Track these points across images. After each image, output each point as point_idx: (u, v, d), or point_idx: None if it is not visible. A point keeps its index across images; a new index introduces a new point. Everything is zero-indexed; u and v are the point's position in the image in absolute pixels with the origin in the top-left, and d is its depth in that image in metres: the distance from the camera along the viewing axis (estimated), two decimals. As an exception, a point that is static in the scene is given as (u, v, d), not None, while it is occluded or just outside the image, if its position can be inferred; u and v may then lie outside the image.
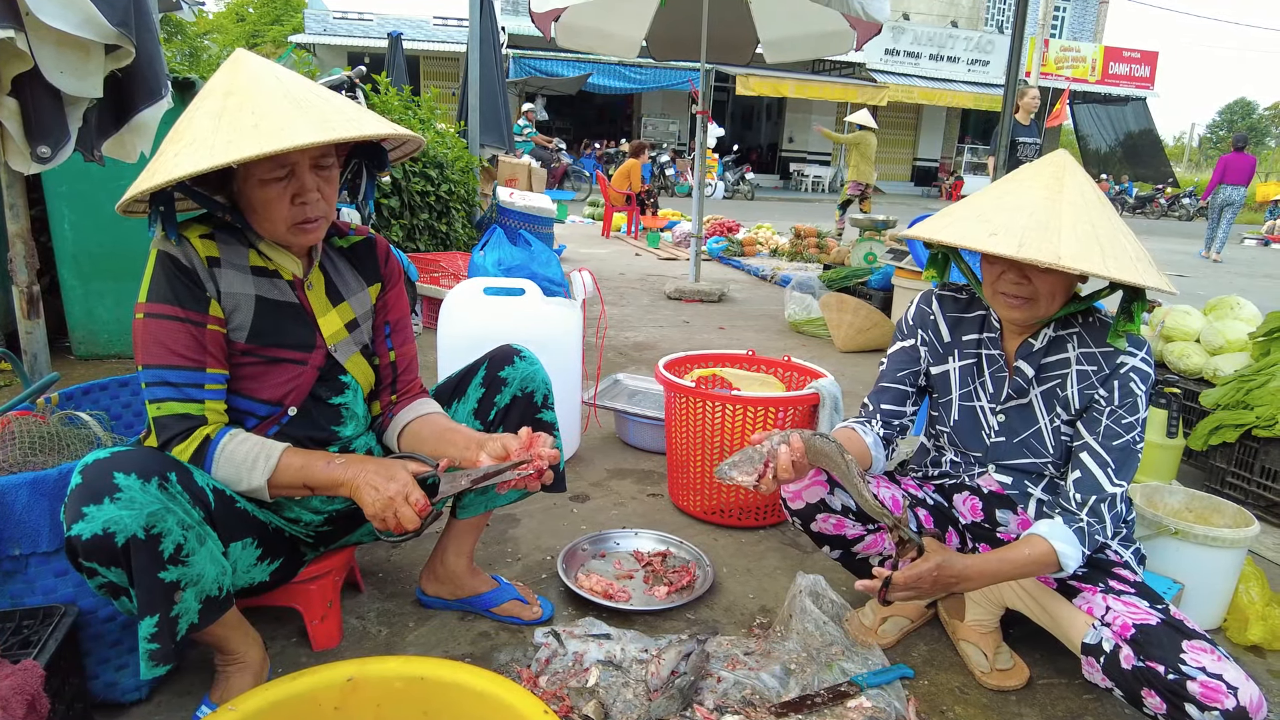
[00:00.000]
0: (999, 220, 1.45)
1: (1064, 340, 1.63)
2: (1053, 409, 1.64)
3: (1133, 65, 24.48)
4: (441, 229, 5.59)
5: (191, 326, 1.36)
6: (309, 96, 1.33)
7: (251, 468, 1.35)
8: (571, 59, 19.82)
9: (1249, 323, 3.05)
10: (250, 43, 26.51)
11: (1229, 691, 1.28)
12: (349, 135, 1.29)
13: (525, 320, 2.62)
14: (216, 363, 1.39)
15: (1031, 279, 1.51)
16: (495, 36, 8.38)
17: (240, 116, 1.25)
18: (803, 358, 4.58)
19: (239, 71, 1.33)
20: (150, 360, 1.34)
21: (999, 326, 1.70)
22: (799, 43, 6.19)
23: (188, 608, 1.24)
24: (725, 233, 10.01)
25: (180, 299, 1.35)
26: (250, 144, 1.21)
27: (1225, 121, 51.01)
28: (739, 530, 2.41)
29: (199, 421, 1.36)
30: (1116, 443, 1.55)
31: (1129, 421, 1.55)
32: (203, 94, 1.34)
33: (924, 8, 24.87)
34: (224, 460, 1.35)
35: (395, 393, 1.67)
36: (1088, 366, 1.59)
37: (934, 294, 1.81)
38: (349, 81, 4.16)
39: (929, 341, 1.79)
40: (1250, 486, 2.72)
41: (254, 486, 1.36)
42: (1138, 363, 1.55)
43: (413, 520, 1.33)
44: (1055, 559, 1.49)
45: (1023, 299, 1.54)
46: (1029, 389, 1.67)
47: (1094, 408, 1.58)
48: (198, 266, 1.37)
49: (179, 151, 1.25)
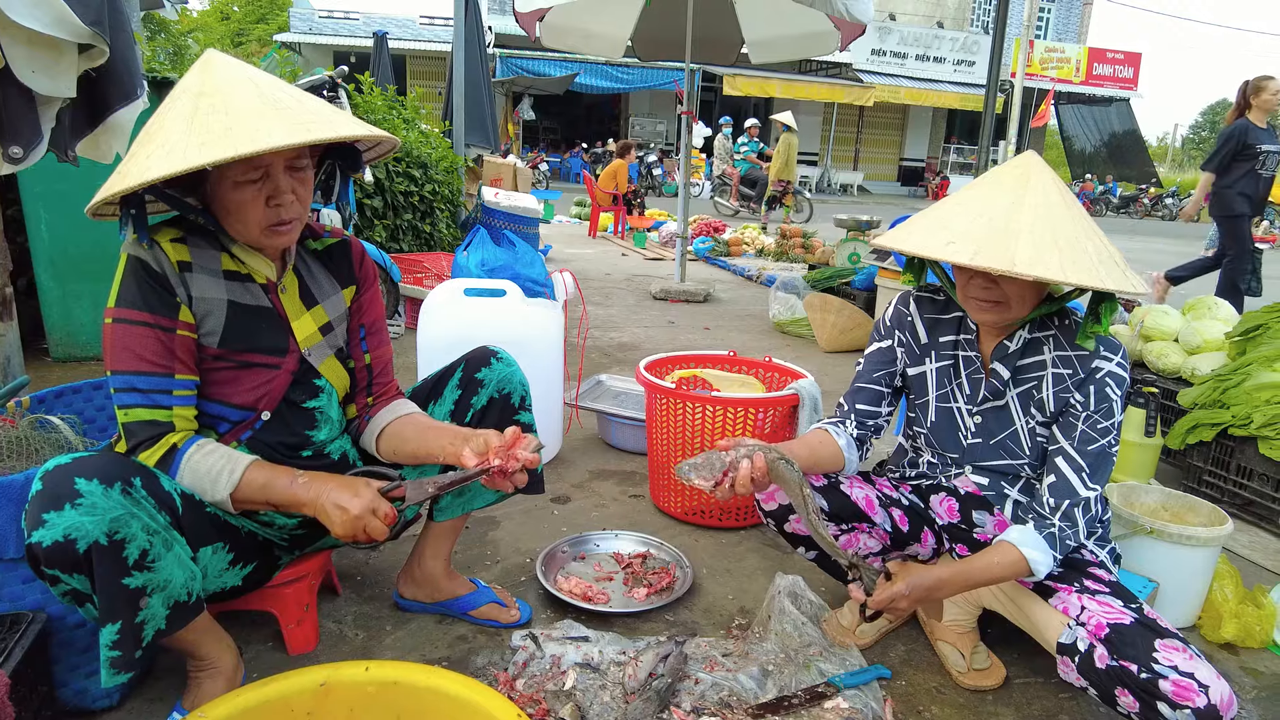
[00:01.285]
0: (958, 227, 1.46)
1: (1040, 342, 1.64)
2: (1029, 411, 1.65)
3: (1116, 66, 24.67)
4: (425, 229, 5.56)
5: (160, 332, 1.34)
6: (282, 97, 1.31)
7: (215, 481, 1.34)
8: (559, 58, 19.79)
9: (1225, 323, 3.08)
10: (235, 41, 26.35)
11: (1200, 690, 1.29)
12: (323, 137, 1.28)
13: (506, 321, 2.61)
14: (186, 369, 1.37)
15: (999, 283, 1.52)
16: (480, 36, 8.36)
17: (212, 118, 1.24)
18: (787, 358, 4.60)
19: (210, 72, 1.32)
20: (118, 366, 1.33)
21: (975, 328, 1.70)
22: (784, 43, 6.20)
23: (155, 614, 1.23)
24: (711, 233, 10.02)
25: (149, 304, 1.34)
26: (223, 146, 1.20)
27: (1207, 122, 51.46)
28: (719, 531, 2.41)
29: (166, 429, 1.35)
30: (1091, 448, 1.56)
31: (1104, 426, 1.56)
32: (173, 95, 1.32)
33: (910, 8, 24.98)
34: (189, 471, 1.34)
35: (371, 395, 1.66)
36: (1063, 369, 1.60)
37: (911, 296, 1.82)
38: (330, 82, 4.13)
39: (906, 343, 1.80)
40: (1226, 485, 2.75)
41: (217, 500, 1.35)
42: (1113, 367, 1.56)
43: (382, 532, 1.33)
44: (1026, 566, 1.51)
45: (992, 303, 1.55)
46: (1005, 390, 1.67)
47: (1069, 412, 1.59)
48: (168, 271, 1.36)
49: (150, 154, 1.23)
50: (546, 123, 24.74)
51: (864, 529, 1.76)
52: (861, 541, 1.77)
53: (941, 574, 1.52)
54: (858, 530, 1.76)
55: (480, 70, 8.05)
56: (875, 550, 1.80)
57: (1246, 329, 2.82)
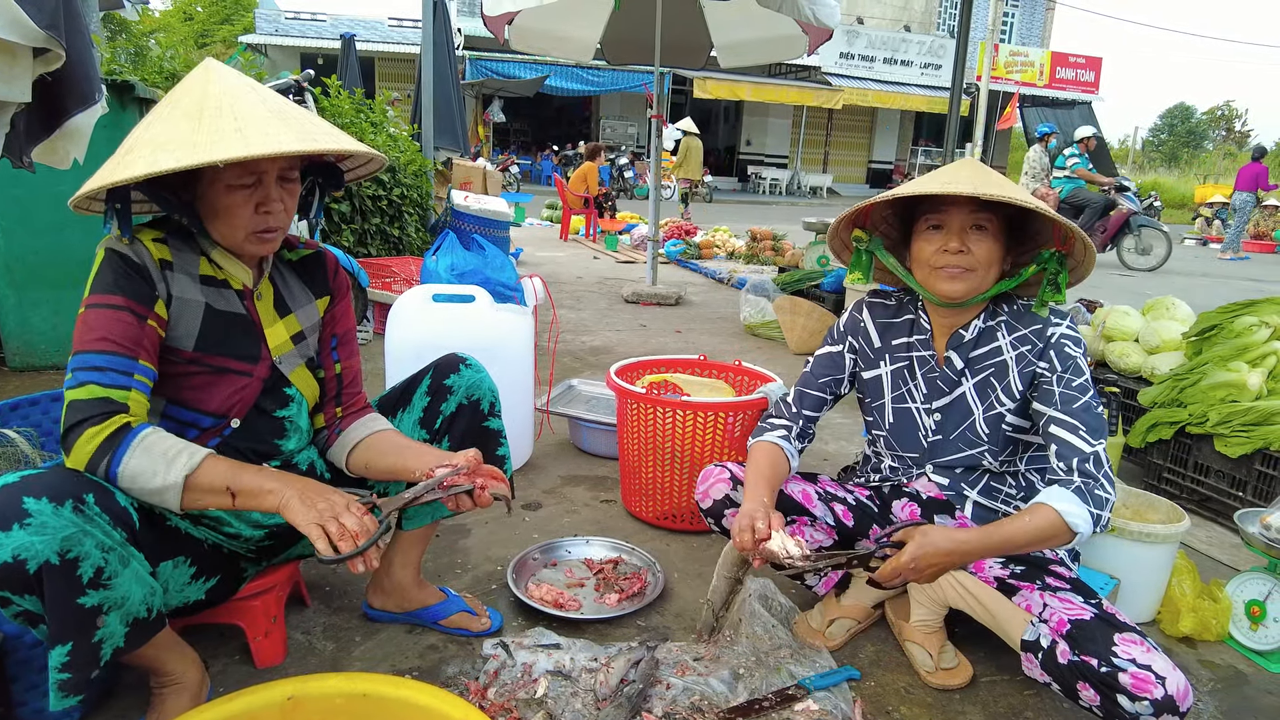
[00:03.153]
0: (945, 177, 1.60)
1: (994, 330, 1.70)
2: (988, 398, 1.69)
3: (1078, 70, 25.15)
4: (394, 233, 5.52)
5: (133, 317, 1.31)
6: (287, 108, 1.36)
7: (172, 461, 1.25)
8: (529, 61, 19.75)
9: (1183, 322, 3.15)
10: (199, 43, 25.91)
11: (1157, 681, 1.33)
12: (331, 148, 1.32)
13: (475, 327, 2.60)
14: (149, 359, 1.33)
15: (973, 247, 1.59)
16: (449, 39, 8.31)
17: (221, 120, 1.27)
18: (757, 360, 4.64)
19: (213, 79, 1.35)
20: (82, 347, 1.28)
21: (929, 328, 1.75)
22: (752, 47, 6.24)
23: (112, 632, 1.20)
24: (683, 236, 10.05)
25: (124, 290, 1.32)
26: (238, 146, 1.23)
27: (1166, 125, 52.63)
28: (691, 535, 2.42)
29: (120, 408, 1.27)
30: (1076, 405, 1.58)
31: (1080, 383, 1.60)
32: (172, 99, 1.34)
33: (878, 12, 25.26)
34: (141, 450, 1.24)
35: (340, 406, 1.65)
36: (1022, 348, 1.67)
37: (865, 301, 1.87)
38: (295, 85, 4.09)
39: (859, 348, 1.85)
40: (1185, 482, 2.81)
41: (169, 483, 1.24)
42: (1065, 329, 1.64)
43: (359, 525, 1.25)
44: (1063, 522, 1.43)
45: (962, 269, 1.61)
46: (960, 380, 1.72)
47: (1041, 381, 1.64)
48: (149, 265, 1.36)
49: (156, 148, 1.25)
50: (517, 125, 24.68)
51: (805, 522, 1.81)
52: (808, 534, 1.82)
53: (959, 536, 1.45)
54: (800, 522, 1.81)
55: (449, 73, 8.00)
56: (825, 545, 1.84)
57: (1202, 329, 2.88)
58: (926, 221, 1.65)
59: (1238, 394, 2.64)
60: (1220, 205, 18.27)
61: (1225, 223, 18.22)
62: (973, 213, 1.59)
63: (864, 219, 1.80)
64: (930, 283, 1.66)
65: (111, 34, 9.11)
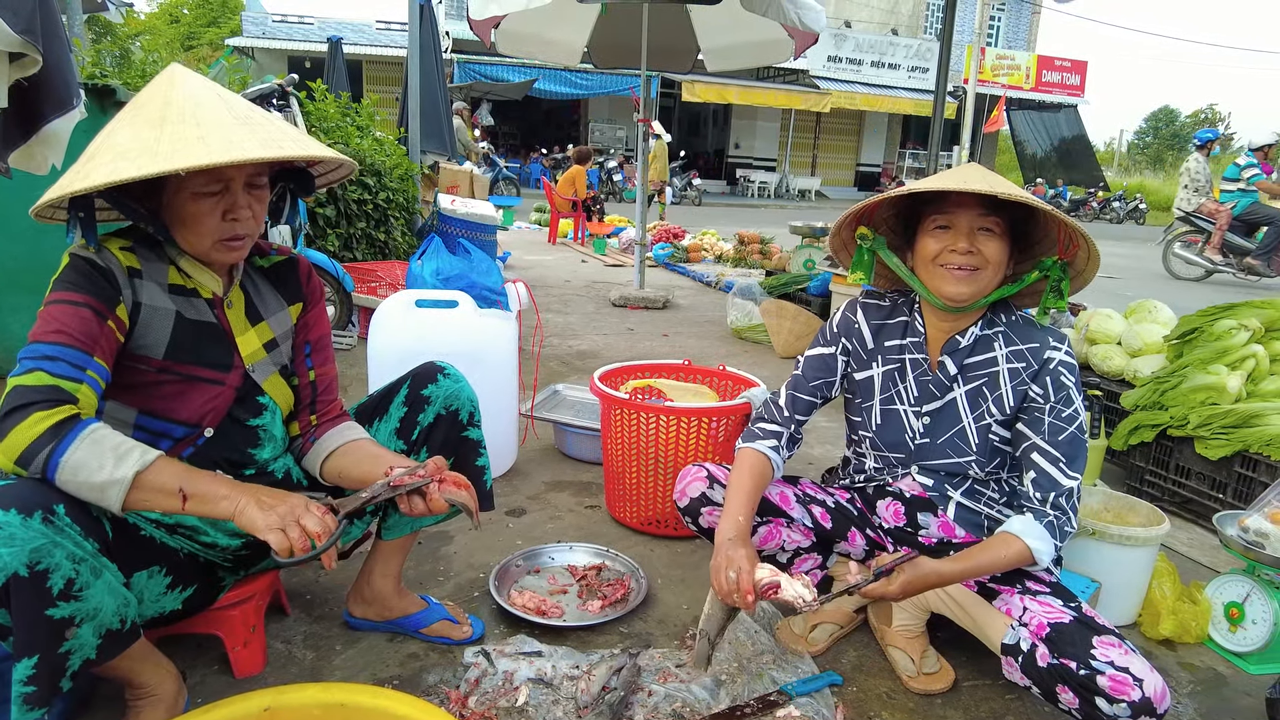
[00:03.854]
0: (958, 177, 1.57)
1: (990, 339, 1.68)
2: (979, 408, 1.68)
3: (1064, 73, 25.34)
4: (380, 237, 5.50)
5: (93, 314, 1.29)
6: (253, 115, 1.35)
7: (123, 457, 1.19)
8: (517, 64, 19.73)
9: (1165, 326, 3.17)
10: (185, 45, 25.79)
11: (1135, 684, 1.34)
12: (295, 154, 1.31)
13: (459, 332, 2.59)
14: (105, 358, 1.29)
15: (980, 248, 1.57)
16: (437, 42, 8.29)
17: (184, 128, 1.25)
18: (744, 364, 4.65)
19: (177, 85, 1.33)
20: (36, 337, 1.25)
21: (923, 331, 1.74)
22: (739, 51, 6.26)
23: (84, 643, 1.19)
24: (671, 239, 10.06)
25: (85, 289, 1.30)
26: (199, 153, 1.22)
27: (1151, 128, 53.08)
28: (675, 540, 2.42)
29: (69, 398, 1.21)
30: (1062, 437, 1.59)
31: (1069, 414, 1.60)
32: (135, 105, 1.33)
33: (865, 15, 25.37)
34: (90, 442, 1.18)
35: (314, 414, 1.64)
36: (1017, 364, 1.65)
37: (858, 302, 1.85)
38: (279, 90, 4.07)
39: (852, 349, 1.83)
40: (1166, 484, 2.83)
41: (116, 478, 1.18)
42: (1063, 356, 1.62)
43: (320, 525, 1.23)
44: (1030, 556, 1.53)
45: (970, 269, 1.58)
46: (951, 386, 1.71)
47: (1031, 406, 1.63)
48: (115, 270, 1.34)
49: (117, 156, 1.23)
50: (506, 128, 24.64)
51: (782, 523, 1.81)
52: (784, 535, 1.82)
53: (941, 567, 1.53)
54: (776, 523, 1.81)
55: (436, 76, 7.98)
56: (804, 545, 1.85)
57: (1183, 332, 2.90)
58: (934, 221, 1.62)
59: (1217, 396, 2.66)
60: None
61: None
62: (981, 215, 1.57)
63: (868, 217, 1.78)
64: (935, 284, 1.63)
65: (96, 36, 9.05)
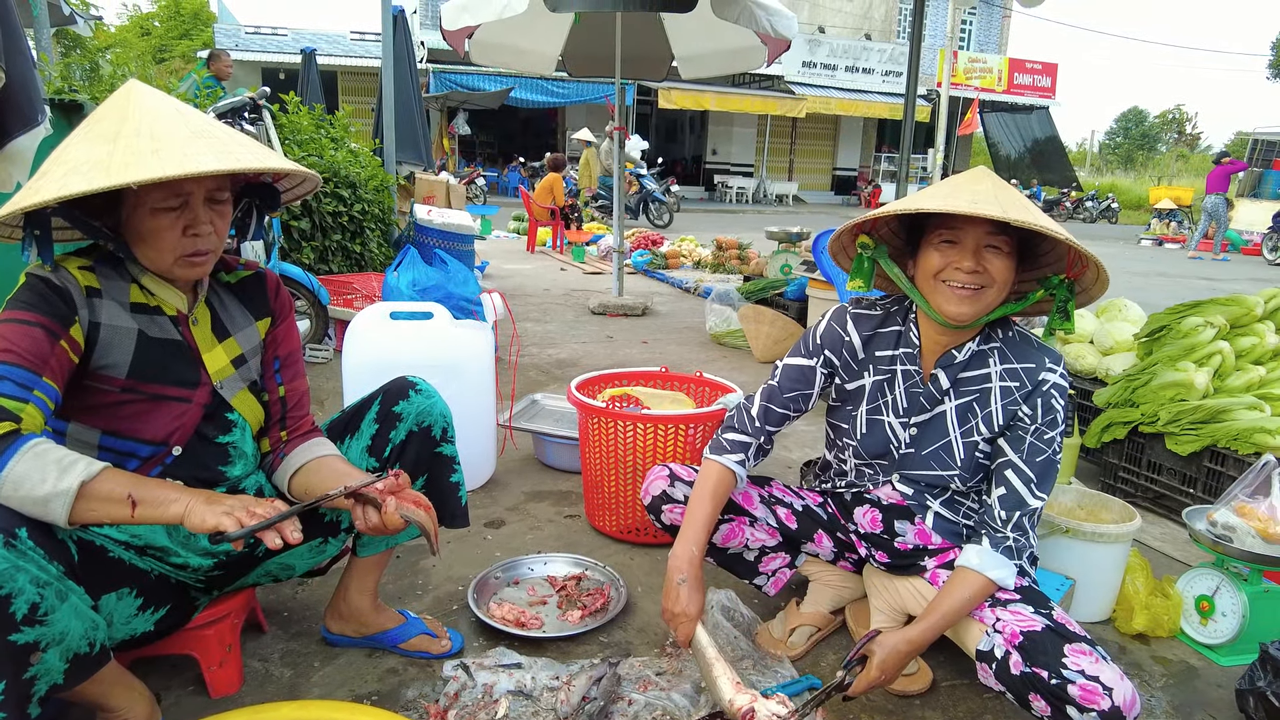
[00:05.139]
0: (966, 192, 1.48)
1: (985, 355, 1.65)
2: (968, 423, 1.66)
3: (1035, 76, 25.67)
4: (356, 249, 5.47)
5: (45, 334, 1.26)
6: (211, 129, 1.33)
7: (66, 469, 1.17)
8: (493, 73, 19.71)
9: (1134, 324, 3.22)
10: (157, 58, 25.54)
11: (1105, 693, 1.35)
12: (252, 166, 1.29)
13: (434, 344, 2.58)
14: (55, 379, 1.26)
15: (986, 266, 1.52)
16: (411, 52, 8.27)
17: (139, 141, 1.24)
18: (723, 369, 4.66)
19: (134, 100, 1.32)
20: None
21: (918, 343, 1.70)
22: (713, 58, 6.28)
23: (50, 668, 1.17)
24: (649, 246, 10.08)
25: (39, 308, 1.28)
26: (151, 167, 1.20)
27: (1121, 128, 53.86)
28: (655, 548, 2.42)
29: (12, 417, 1.18)
30: (1039, 459, 1.60)
31: (1050, 436, 1.60)
32: (92, 120, 1.31)
33: (838, 21, 25.57)
34: (31, 455, 1.16)
35: (285, 430, 1.62)
36: (1010, 382, 1.62)
37: (848, 312, 1.77)
38: (250, 103, 4.04)
39: (840, 362, 1.76)
40: (1139, 480, 2.87)
41: (60, 489, 1.16)
42: (1057, 379, 1.60)
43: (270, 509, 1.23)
44: (994, 587, 1.56)
45: (974, 288, 1.53)
46: (942, 400, 1.68)
47: (1018, 425, 1.62)
48: (72, 290, 1.32)
49: (69, 171, 1.22)
50: (483, 137, 24.59)
51: (745, 521, 1.83)
52: (747, 533, 1.84)
53: (911, 634, 1.53)
54: (739, 521, 1.83)
55: (411, 86, 7.96)
56: (769, 544, 1.87)
57: (1152, 330, 2.95)
58: (939, 235, 1.55)
59: (1186, 393, 2.71)
60: (1169, 210, 18.68)
61: (1181, 225, 18.67)
62: (990, 233, 1.51)
63: (871, 224, 1.69)
64: (936, 300, 1.57)
65: (65, 50, 8.94)
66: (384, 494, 1.37)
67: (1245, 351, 2.80)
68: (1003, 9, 27.18)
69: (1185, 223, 18.86)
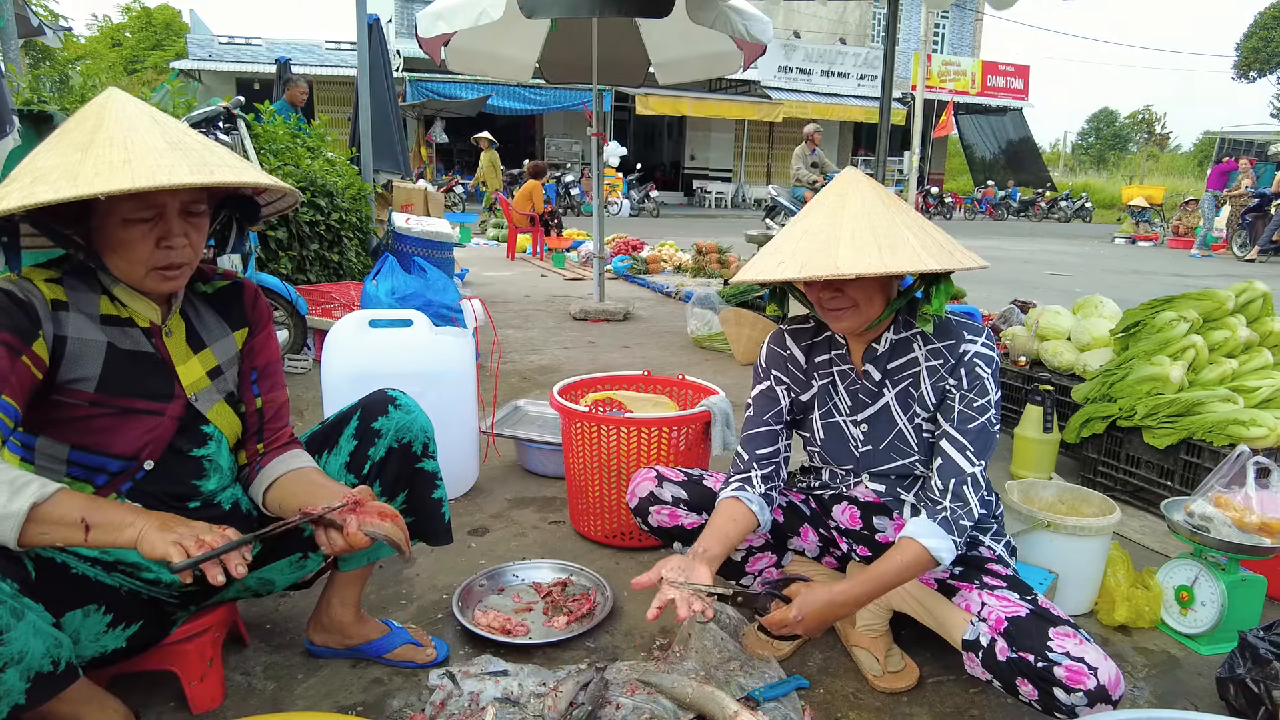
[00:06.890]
0: (786, 249, 1.57)
1: (909, 341, 1.70)
2: (909, 408, 1.70)
3: (1008, 78, 25.96)
4: (334, 259, 5.43)
5: (4, 350, 1.23)
6: (188, 140, 1.30)
7: (18, 490, 1.13)
8: (470, 81, 19.68)
9: (1111, 320, 3.26)
10: (129, 69, 25.29)
11: (1090, 672, 1.38)
12: (227, 180, 1.26)
13: (413, 352, 2.56)
14: (13, 395, 1.23)
15: (844, 290, 1.59)
16: (387, 61, 8.24)
17: (111, 151, 1.21)
18: (705, 372, 4.67)
19: (110, 109, 1.30)
20: None
21: (845, 342, 1.77)
22: (689, 64, 6.31)
23: (10, 689, 1.13)
24: (630, 251, 10.08)
25: (1, 323, 1.25)
26: (122, 177, 1.17)
27: (1093, 129, 54.59)
28: (640, 551, 2.41)
29: None
30: (971, 425, 1.61)
31: (980, 404, 1.61)
32: (65, 128, 1.29)
33: (814, 26, 25.78)
34: None
35: (262, 442, 1.59)
36: (935, 361, 1.67)
37: (784, 331, 1.86)
38: (225, 113, 4.00)
39: (791, 376, 1.83)
40: (1118, 474, 2.90)
41: (11, 511, 1.11)
42: (979, 348, 1.63)
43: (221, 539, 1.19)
44: (929, 556, 1.52)
45: (843, 309, 1.61)
46: (881, 392, 1.73)
47: (947, 398, 1.65)
48: (37, 304, 1.29)
49: (36, 179, 1.19)
50: (461, 146, 24.56)
51: None
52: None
53: (837, 589, 1.53)
54: None
55: (387, 95, 7.93)
56: (755, 544, 1.88)
57: (1127, 325, 2.98)
58: None
59: (1162, 387, 2.74)
60: (1140, 209, 18.95)
61: (1150, 224, 18.94)
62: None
63: None
64: (825, 319, 1.69)
65: (34, 61, 8.82)
66: (344, 513, 1.34)
67: (1218, 345, 2.84)
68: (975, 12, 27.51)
69: (1157, 221, 19.13)
